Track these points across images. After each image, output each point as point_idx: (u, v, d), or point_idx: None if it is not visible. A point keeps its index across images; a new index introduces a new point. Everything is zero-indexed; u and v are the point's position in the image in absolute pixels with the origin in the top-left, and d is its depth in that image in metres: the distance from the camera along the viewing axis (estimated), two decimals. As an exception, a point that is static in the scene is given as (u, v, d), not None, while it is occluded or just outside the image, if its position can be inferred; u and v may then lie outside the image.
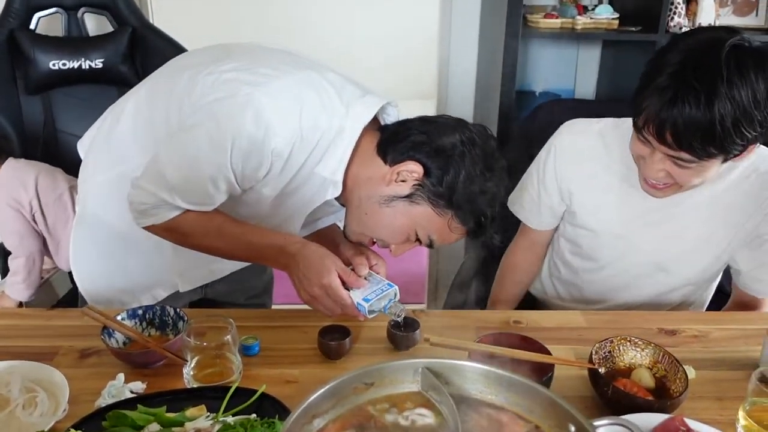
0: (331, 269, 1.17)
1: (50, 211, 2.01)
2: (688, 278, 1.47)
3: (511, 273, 1.66)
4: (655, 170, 1.24)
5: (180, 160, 1.18)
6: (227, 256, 1.30)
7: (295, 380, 1.16)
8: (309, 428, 0.82)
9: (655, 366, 1.15)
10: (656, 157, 1.22)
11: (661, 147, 1.19)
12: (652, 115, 1.17)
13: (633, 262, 1.48)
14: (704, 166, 1.20)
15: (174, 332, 1.24)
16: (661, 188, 1.28)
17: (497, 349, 1.11)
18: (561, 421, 0.82)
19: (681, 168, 1.21)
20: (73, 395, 1.08)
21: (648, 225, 1.43)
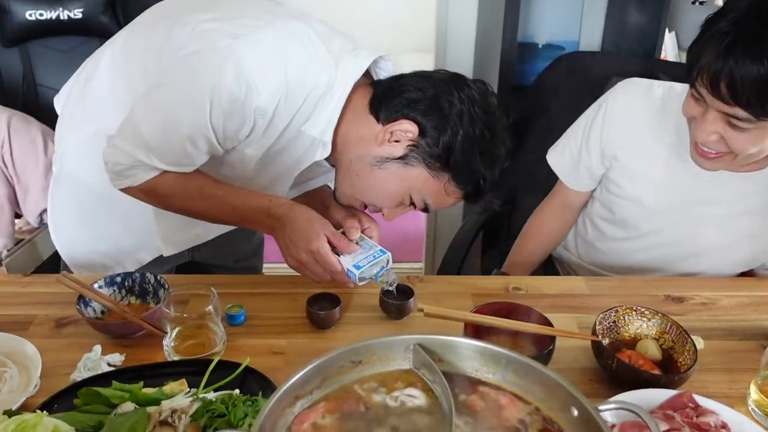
0: (320, 233, 1.10)
1: (20, 152, 1.92)
2: (719, 271, 1.38)
3: (536, 234, 1.56)
4: (707, 132, 1.13)
5: (156, 118, 1.10)
6: (210, 219, 1.23)
7: (282, 351, 1.10)
8: (292, 410, 0.76)
9: (662, 337, 1.09)
10: (709, 117, 1.11)
11: (715, 102, 1.08)
12: (706, 63, 1.06)
13: (664, 241, 1.39)
14: (763, 129, 1.09)
15: (155, 300, 1.18)
16: (713, 157, 1.18)
17: (495, 321, 1.05)
18: (563, 404, 0.76)
19: (736, 130, 1.10)
20: (48, 368, 1.03)
21: (690, 206, 1.33)
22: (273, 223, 1.14)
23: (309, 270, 1.13)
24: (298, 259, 1.12)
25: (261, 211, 1.15)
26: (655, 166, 1.34)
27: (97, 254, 1.41)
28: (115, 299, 1.17)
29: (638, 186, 1.37)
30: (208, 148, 1.11)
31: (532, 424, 0.77)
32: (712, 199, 1.32)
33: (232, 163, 1.18)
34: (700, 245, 1.37)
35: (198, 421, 0.86)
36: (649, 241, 1.40)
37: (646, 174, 1.35)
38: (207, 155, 1.13)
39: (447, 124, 1.07)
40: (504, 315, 1.07)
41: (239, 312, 1.16)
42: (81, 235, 1.42)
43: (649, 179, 1.35)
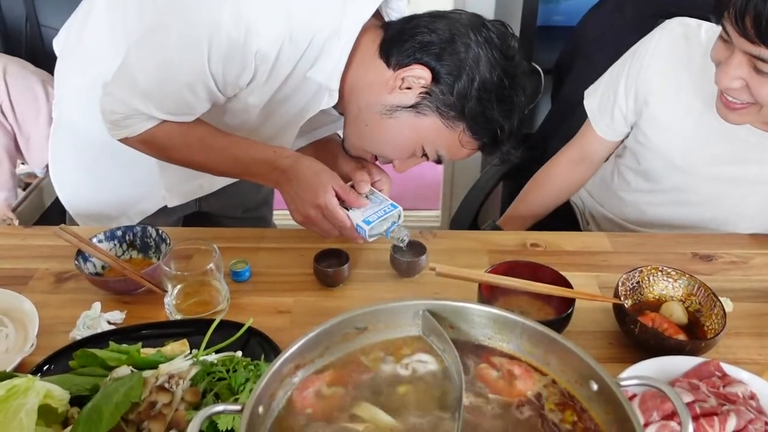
0: (327, 187, 1.04)
1: (20, 100, 1.87)
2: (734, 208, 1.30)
3: (545, 186, 1.48)
4: (731, 76, 1.03)
5: (151, 63, 1.03)
6: (212, 171, 1.17)
7: (288, 310, 1.06)
8: (292, 381, 0.72)
9: (689, 299, 1.02)
10: (735, 60, 1.02)
11: (741, 41, 0.99)
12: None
13: (687, 200, 1.31)
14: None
15: (157, 255, 1.14)
16: (738, 108, 1.08)
17: (510, 281, 0.99)
18: (581, 376, 0.71)
19: (761, 76, 1.01)
20: (47, 325, 1.00)
21: (717, 166, 1.24)
22: (278, 176, 1.08)
23: (316, 226, 1.08)
24: (305, 215, 1.07)
25: (265, 164, 1.09)
26: (686, 118, 1.24)
27: (100, 204, 1.36)
28: (115, 254, 1.13)
29: (665, 138, 1.28)
30: (207, 95, 1.04)
31: (548, 397, 0.72)
32: (741, 162, 1.23)
33: (235, 111, 1.12)
34: (724, 209, 1.29)
35: (197, 386, 0.83)
36: (671, 198, 1.32)
37: (676, 126, 1.26)
38: (208, 103, 1.07)
39: (462, 69, 0.99)
40: (520, 275, 1.02)
41: (244, 268, 1.12)
42: (83, 186, 1.37)
43: (677, 132, 1.26)
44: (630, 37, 1.36)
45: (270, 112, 1.12)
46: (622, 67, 1.33)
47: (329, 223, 1.07)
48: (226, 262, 1.08)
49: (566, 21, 2.34)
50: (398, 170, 1.13)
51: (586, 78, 1.43)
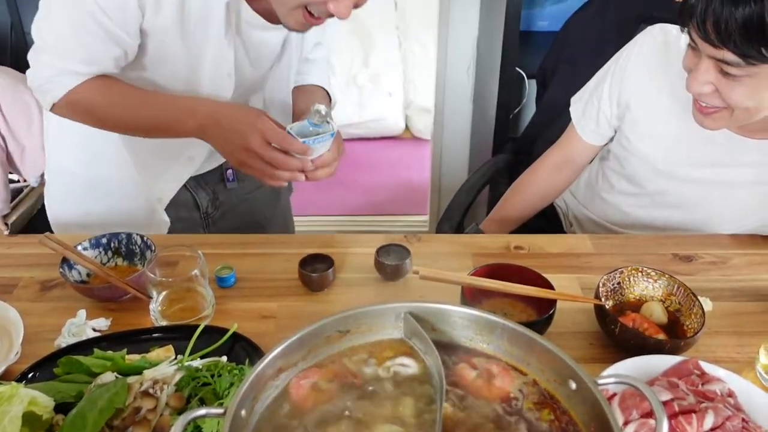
0: (254, 127, 1.03)
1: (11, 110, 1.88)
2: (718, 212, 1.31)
3: (527, 189, 1.49)
4: (701, 81, 1.05)
5: (49, 14, 1.06)
6: (137, 128, 1.16)
7: (272, 315, 1.07)
8: (275, 384, 0.73)
9: (669, 299, 1.04)
10: (702, 66, 1.04)
11: (705, 47, 1.02)
12: (693, 3, 1.00)
13: (668, 203, 1.33)
14: (755, 77, 1.01)
15: (142, 262, 1.14)
16: (711, 112, 1.10)
17: (492, 284, 1.00)
18: (560, 375, 0.72)
19: (728, 79, 1.03)
20: (32, 333, 1.00)
21: (697, 169, 1.26)
22: (202, 121, 1.07)
23: (252, 168, 1.06)
24: (238, 159, 1.05)
25: (187, 110, 1.09)
26: (667, 123, 1.26)
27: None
28: (100, 261, 1.13)
29: (648, 143, 1.30)
30: (105, 34, 1.04)
31: (527, 396, 0.73)
32: (720, 165, 1.25)
33: (155, 52, 1.11)
34: (705, 211, 1.30)
35: (182, 392, 0.83)
36: (654, 200, 1.34)
37: (658, 131, 1.28)
38: (118, 47, 1.07)
39: None
40: (503, 277, 1.03)
41: (229, 274, 1.12)
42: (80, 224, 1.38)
43: (659, 137, 1.28)
44: (611, 41, 1.39)
45: (191, 50, 1.11)
46: (605, 72, 1.35)
47: (264, 163, 1.05)
48: (211, 268, 1.09)
49: (550, 26, 2.37)
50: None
51: (568, 82, 1.45)
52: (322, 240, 1.23)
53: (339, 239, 1.24)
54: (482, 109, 2.47)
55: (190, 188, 1.39)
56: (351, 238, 1.24)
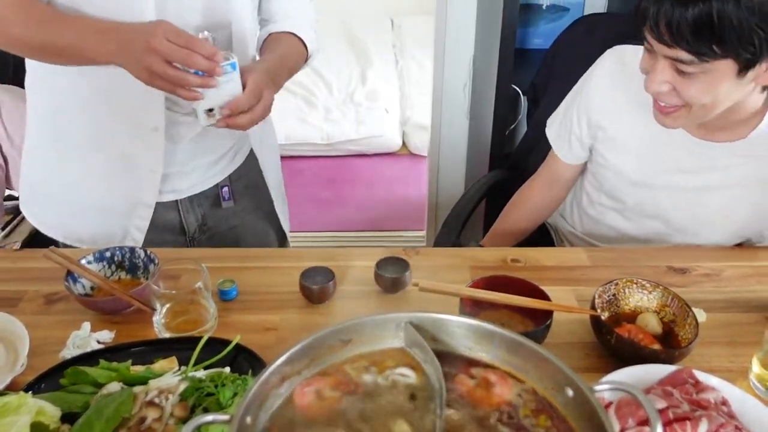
0: (157, 25, 1.01)
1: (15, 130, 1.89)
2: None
3: (523, 207, 1.53)
4: (657, 81, 1.10)
5: None
6: (52, 52, 1.12)
7: (274, 327, 1.09)
8: (279, 392, 0.74)
9: (663, 310, 1.06)
10: (659, 66, 1.10)
11: (660, 47, 1.07)
12: (646, 5, 1.06)
13: (647, 214, 1.36)
14: (709, 73, 1.06)
15: (145, 276, 1.16)
16: (670, 111, 1.15)
17: (490, 295, 1.02)
18: (557, 383, 0.74)
19: (684, 77, 1.08)
20: (37, 345, 1.01)
21: (669, 177, 1.30)
22: (110, 36, 1.04)
23: (157, 74, 1.02)
24: (143, 65, 1.01)
25: (96, 27, 1.06)
26: (636, 135, 1.31)
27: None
28: (104, 275, 1.15)
29: (620, 156, 1.34)
30: None
31: (524, 404, 0.75)
32: (691, 172, 1.28)
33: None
34: (685, 219, 1.33)
35: (186, 401, 0.85)
36: (635, 213, 1.38)
37: (628, 144, 1.32)
38: None
39: None
40: (500, 289, 1.05)
41: (231, 287, 1.14)
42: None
43: (630, 149, 1.32)
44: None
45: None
46: (574, 95, 1.41)
47: (173, 69, 1.01)
48: (213, 281, 1.10)
49: (544, 44, 2.41)
50: None
51: (559, 98, 1.48)
52: (323, 253, 1.25)
53: (339, 253, 1.26)
54: (478, 126, 2.50)
55: (180, 210, 1.39)
56: (351, 252, 1.26)
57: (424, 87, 3.79)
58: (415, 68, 4.14)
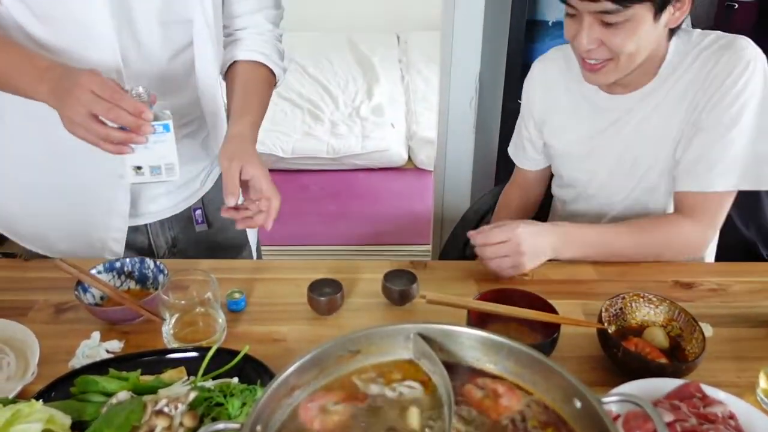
0: (88, 76, 0.98)
1: None
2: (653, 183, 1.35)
3: (505, 213, 1.61)
4: (587, 40, 1.17)
5: None
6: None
7: (282, 339, 1.09)
8: (288, 402, 0.75)
9: (670, 324, 1.06)
10: (585, 24, 1.16)
11: (584, 4, 1.13)
12: None
13: (596, 184, 1.41)
14: (632, 20, 1.13)
15: (155, 286, 1.17)
16: (599, 67, 1.21)
17: (497, 308, 1.03)
18: (565, 395, 0.74)
19: (611, 29, 1.15)
20: (46, 354, 1.02)
21: (609, 138, 1.35)
22: (45, 76, 1.01)
23: (80, 125, 0.99)
24: (67, 114, 0.99)
25: (37, 66, 1.03)
26: (573, 116, 1.39)
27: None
28: (114, 285, 1.16)
29: (564, 138, 1.42)
30: None
31: (533, 415, 0.75)
32: (623, 123, 1.33)
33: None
34: (628, 162, 1.36)
35: (195, 410, 0.85)
36: (592, 188, 1.43)
37: (568, 126, 1.40)
38: None
39: None
40: (508, 302, 1.05)
41: (240, 298, 1.15)
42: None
43: (570, 129, 1.40)
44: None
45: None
46: (521, 107, 1.51)
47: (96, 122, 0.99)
48: (222, 292, 1.11)
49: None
50: None
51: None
52: (331, 266, 1.26)
53: (347, 265, 1.26)
54: (485, 140, 2.52)
55: (150, 233, 1.39)
56: (359, 264, 1.27)
57: (429, 102, 3.82)
58: (421, 83, 4.17)
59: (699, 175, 1.24)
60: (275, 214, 1.12)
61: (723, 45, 1.23)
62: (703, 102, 1.23)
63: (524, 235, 1.17)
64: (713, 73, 1.22)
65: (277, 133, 3.51)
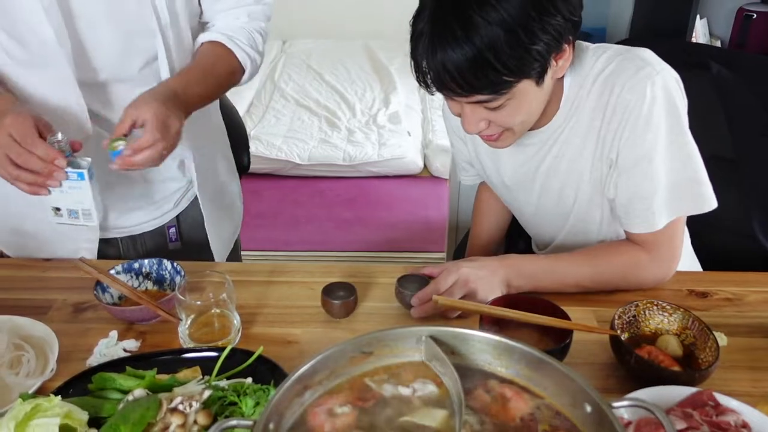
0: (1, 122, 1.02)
1: None
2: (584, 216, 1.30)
3: (480, 216, 1.62)
4: (476, 125, 1.11)
5: None
6: None
7: (296, 341, 1.10)
8: (300, 401, 0.76)
9: (684, 332, 1.06)
10: (467, 111, 1.10)
11: (459, 99, 1.08)
12: (425, 68, 1.05)
13: (530, 213, 1.40)
14: (515, 97, 1.06)
15: (171, 287, 1.18)
16: (496, 138, 1.16)
17: (510, 313, 1.03)
18: (576, 399, 0.75)
19: (495, 111, 1.08)
20: (65, 352, 1.04)
21: (530, 171, 1.30)
22: None
23: (2, 169, 1.04)
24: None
25: None
26: (496, 153, 1.32)
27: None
28: (132, 285, 1.18)
29: (490, 169, 1.37)
30: None
31: (543, 419, 0.75)
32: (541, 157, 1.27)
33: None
34: (550, 202, 1.32)
35: (209, 409, 0.87)
36: (525, 216, 1.42)
37: (493, 157, 1.34)
38: None
39: None
40: (520, 307, 1.06)
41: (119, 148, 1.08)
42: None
43: (495, 161, 1.34)
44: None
45: None
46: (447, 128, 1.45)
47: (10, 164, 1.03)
48: (238, 295, 1.12)
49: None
50: None
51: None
52: (345, 269, 1.27)
53: (361, 269, 1.27)
54: (500, 149, 2.52)
55: (121, 248, 1.40)
56: (373, 269, 1.28)
57: (446, 110, 3.82)
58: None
59: (638, 215, 1.18)
60: (138, 149, 1.07)
61: (615, 71, 1.14)
62: (610, 138, 1.15)
63: (468, 273, 1.12)
64: (611, 104, 1.13)
65: (294, 140, 3.54)
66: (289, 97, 4.11)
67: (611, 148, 1.17)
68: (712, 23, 2.39)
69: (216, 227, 1.47)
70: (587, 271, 1.19)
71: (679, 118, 1.13)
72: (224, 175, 1.52)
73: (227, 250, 1.55)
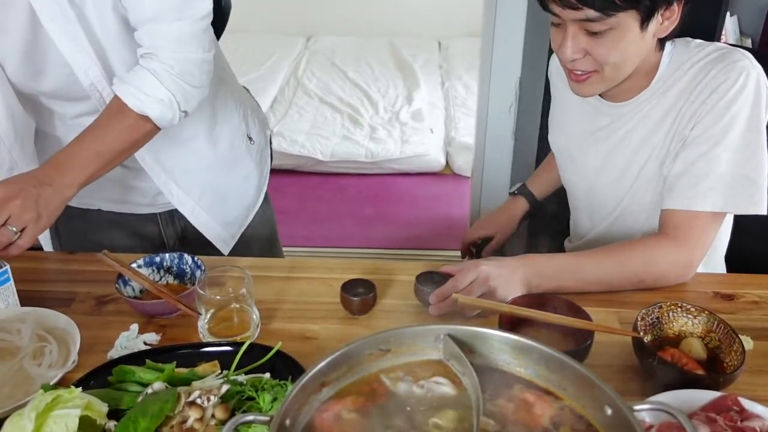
0: None
1: None
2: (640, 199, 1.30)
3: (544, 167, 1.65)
4: (572, 48, 1.12)
5: None
6: None
7: (315, 337, 1.10)
8: (317, 397, 0.76)
9: (708, 335, 1.04)
10: (570, 34, 1.11)
11: (567, 12, 1.08)
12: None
13: (584, 189, 1.40)
14: (617, 28, 1.08)
15: (192, 281, 1.19)
16: (584, 78, 1.16)
17: (530, 312, 1.02)
18: (596, 402, 0.73)
19: (595, 38, 1.10)
20: (87, 344, 1.05)
21: (597, 142, 1.31)
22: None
23: None
24: None
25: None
26: (569, 113, 1.38)
27: None
28: (153, 279, 1.19)
29: (557, 135, 1.43)
30: None
31: (563, 421, 0.74)
32: (611, 131, 1.29)
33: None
34: (607, 177, 1.32)
35: (227, 403, 0.87)
36: (577, 191, 1.43)
37: (563, 122, 1.40)
38: None
39: None
40: (541, 307, 1.04)
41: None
42: None
43: (564, 126, 1.40)
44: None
45: None
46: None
47: None
48: (258, 290, 1.12)
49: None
50: None
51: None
52: (365, 266, 1.27)
53: (381, 266, 1.27)
54: (523, 147, 2.50)
55: (160, 223, 1.44)
56: (392, 266, 1.27)
57: (469, 108, 3.82)
58: (461, 89, 4.16)
59: (682, 192, 1.17)
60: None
61: (716, 58, 1.16)
62: (689, 115, 1.17)
63: (488, 271, 1.11)
64: (701, 86, 1.15)
65: (317, 137, 3.55)
66: (312, 94, 4.12)
67: (687, 124, 1.18)
68: (742, 20, 2.35)
69: (213, 213, 1.44)
70: (608, 264, 1.19)
71: (760, 115, 1.15)
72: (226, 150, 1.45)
73: (241, 226, 1.52)
